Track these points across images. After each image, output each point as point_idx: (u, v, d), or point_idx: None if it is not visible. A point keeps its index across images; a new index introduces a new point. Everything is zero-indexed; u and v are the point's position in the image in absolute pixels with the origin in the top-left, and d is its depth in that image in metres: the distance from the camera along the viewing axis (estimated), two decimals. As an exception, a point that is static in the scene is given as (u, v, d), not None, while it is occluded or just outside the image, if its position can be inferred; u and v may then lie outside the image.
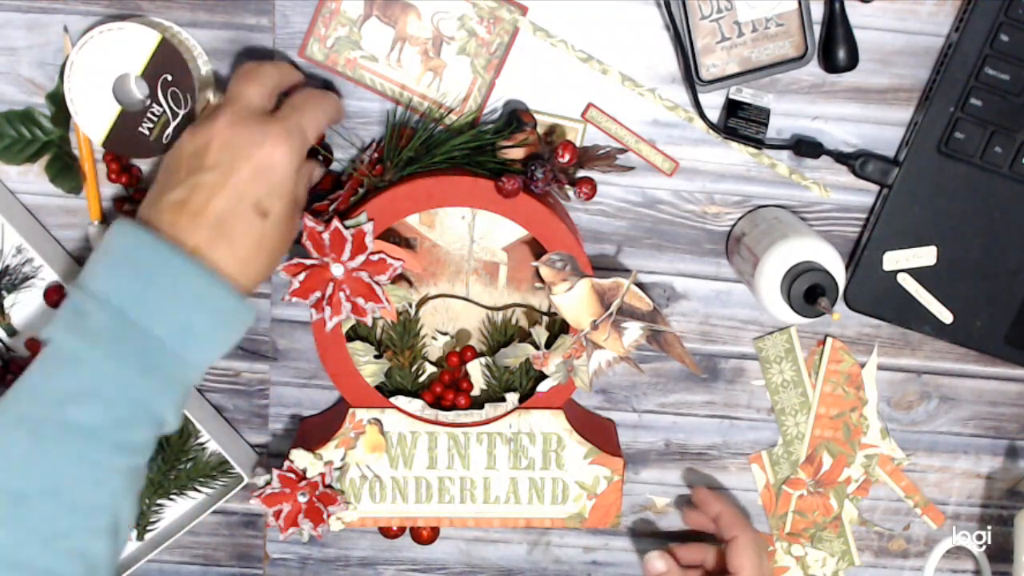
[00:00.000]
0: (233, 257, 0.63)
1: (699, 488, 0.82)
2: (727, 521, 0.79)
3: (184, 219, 0.62)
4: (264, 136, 0.64)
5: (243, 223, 0.63)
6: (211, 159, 0.63)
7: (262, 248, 0.65)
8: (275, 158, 0.64)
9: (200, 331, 0.62)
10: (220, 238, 0.63)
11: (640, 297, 0.74)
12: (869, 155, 0.77)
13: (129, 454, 0.61)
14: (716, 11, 0.73)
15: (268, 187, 0.64)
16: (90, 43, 0.71)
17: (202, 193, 0.63)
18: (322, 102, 0.69)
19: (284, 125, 0.65)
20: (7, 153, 0.76)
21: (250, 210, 0.64)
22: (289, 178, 0.65)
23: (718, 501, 0.80)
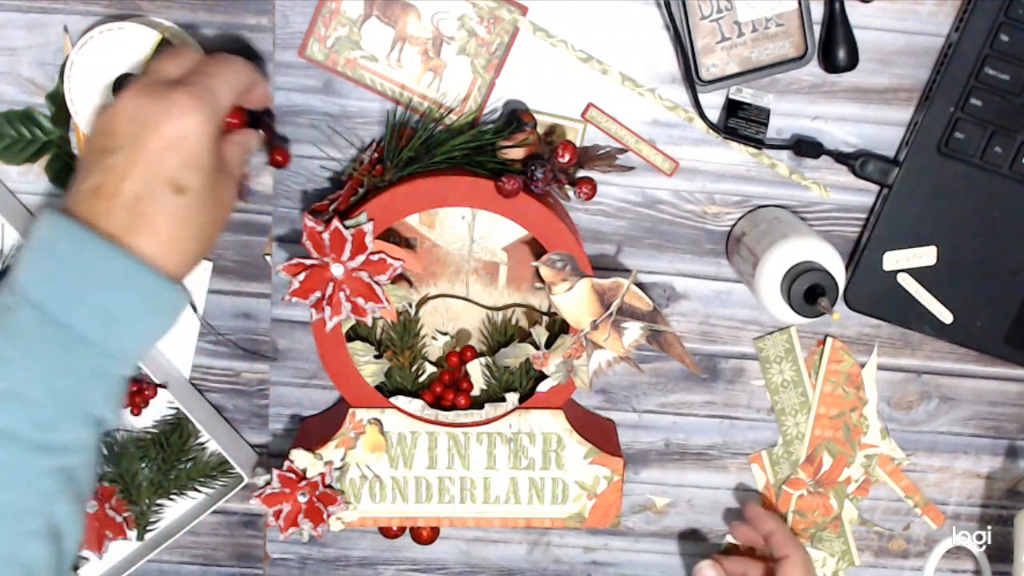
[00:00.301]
0: (155, 239, 0.60)
1: (751, 504, 0.83)
2: (780, 540, 0.79)
3: (100, 204, 0.59)
4: (170, 104, 0.60)
5: (160, 202, 0.60)
6: (119, 138, 0.60)
7: (186, 226, 0.61)
8: (185, 127, 0.60)
9: (123, 318, 0.59)
10: (138, 221, 0.59)
11: (640, 297, 0.74)
12: (869, 155, 0.77)
13: (58, 455, 0.59)
14: (716, 11, 0.73)
15: (182, 160, 0.60)
16: (90, 43, 0.71)
17: (114, 175, 0.60)
18: (232, 64, 0.66)
19: (190, 91, 0.61)
20: (7, 153, 0.76)
21: (165, 188, 0.60)
22: (205, 148, 0.61)
23: (771, 519, 0.81)
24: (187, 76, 0.63)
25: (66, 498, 0.59)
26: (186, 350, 0.82)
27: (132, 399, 0.80)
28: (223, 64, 0.65)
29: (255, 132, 0.70)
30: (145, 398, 0.80)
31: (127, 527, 0.83)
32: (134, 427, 0.83)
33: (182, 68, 0.64)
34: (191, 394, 0.81)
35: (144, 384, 0.80)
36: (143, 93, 0.61)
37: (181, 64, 0.64)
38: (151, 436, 0.83)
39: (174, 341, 0.81)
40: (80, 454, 0.60)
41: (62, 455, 0.59)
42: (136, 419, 0.82)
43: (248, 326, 0.81)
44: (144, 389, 0.80)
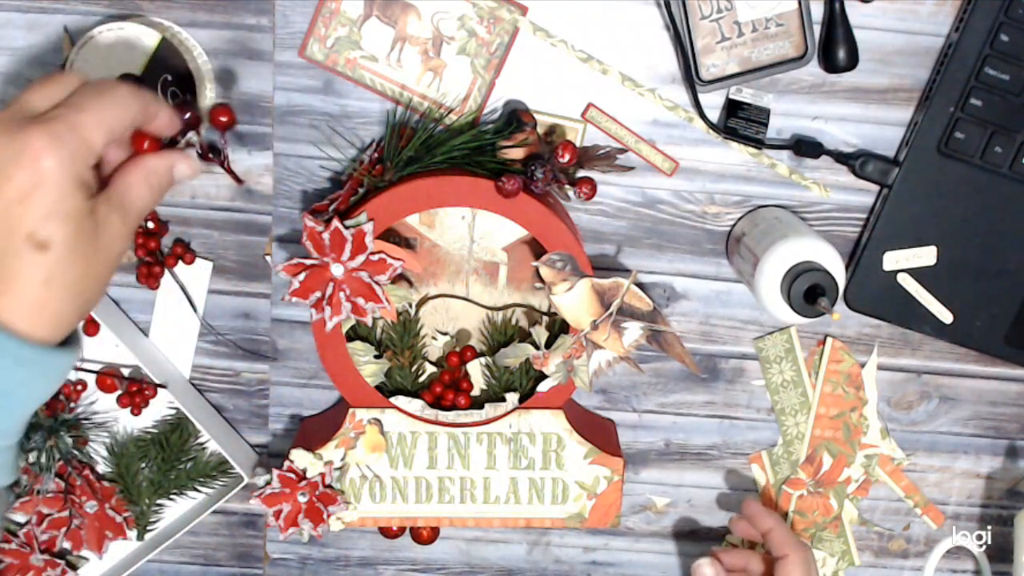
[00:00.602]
0: (18, 304, 0.52)
1: (750, 502, 0.82)
2: (779, 539, 0.78)
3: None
4: (23, 146, 0.51)
5: (20, 261, 0.51)
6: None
7: (53, 287, 0.52)
8: (40, 174, 0.51)
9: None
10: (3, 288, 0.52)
11: (640, 297, 0.74)
12: (869, 155, 0.77)
13: None
14: (716, 11, 0.73)
15: (41, 212, 0.51)
16: (90, 43, 0.71)
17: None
18: (109, 94, 0.55)
19: (47, 128, 0.52)
20: (7, 153, 0.76)
21: (25, 243, 0.51)
22: (68, 194, 0.52)
23: (770, 517, 0.80)
24: (51, 110, 0.54)
25: None
26: (186, 350, 0.82)
27: (132, 399, 0.80)
28: (97, 94, 0.55)
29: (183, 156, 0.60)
30: (145, 398, 0.80)
31: (127, 527, 0.83)
32: (134, 427, 0.83)
33: (50, 99, 0.55)
34: (191, 394, 0.81)
35: (144, 384, 0.80)
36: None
37: (50, 94, 0.55)
38: (151, 436, 0.83)
39: (174, 341, 0.81)
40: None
41: None
42: (136, 419, 0.82)
43: (248, 326, 0.81)
44: (144, 389, 0.80)
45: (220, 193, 0.78)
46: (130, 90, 0.57)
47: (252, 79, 0.76)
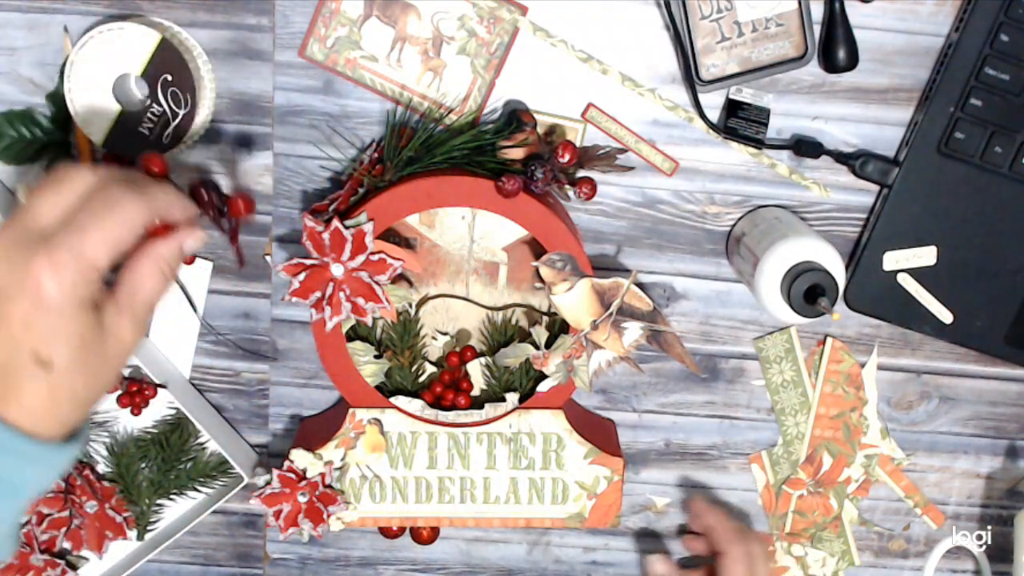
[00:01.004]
0: (24, 412, 0.54)
1: (696, 498, 0.82)
2: (718, 535, 0.77)
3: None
4: (25, 274, 0.52)
5: (25, 378, 0.53)
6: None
7: (58, 399, 0.54)
8: (42, 300, 0.52)
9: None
10: (6, 393, 0.54)
11: (640, 297, 0.74)
12: (869, 155, 0.77)
13: None
14: (716, 11, 0.73)
15: (44, 333, 0.53)
16: (90, 43, 0.71)
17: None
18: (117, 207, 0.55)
19: (51, 257, 0.53)
20: (7, 153, 0.76)
21: (29, 363, 0.53)
22: (71, 317, 0.53)
23: (711, 512, 0.79)
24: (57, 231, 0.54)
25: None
26: (186, 350, 0.82)
27: (132, 399, 0.80)
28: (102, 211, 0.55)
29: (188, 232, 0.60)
30: (145, 398, 0.80)
31: (127, 527, 0.83)
32: (134, 427, 0.83)
33: (59, 208, 0.55)
34: (191, 394, 0.81)
35: (144, 384, 0.80)
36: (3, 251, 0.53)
37: (58, 202, 0.55)
38: (151, 436, 0.83)
39: (174, 341, 0.81)
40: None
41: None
42: (136, 419, 0.82)
43: (248, 326, 0.81)
44: (144, 389, 0.80)
45: None
46: (137, 201, 0.56)
47: (252, 79, 0.76)
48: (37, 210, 0.55)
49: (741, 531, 0.79)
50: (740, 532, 0.78)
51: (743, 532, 0.79)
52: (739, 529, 0.79)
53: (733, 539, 0.76)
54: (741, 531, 0.79)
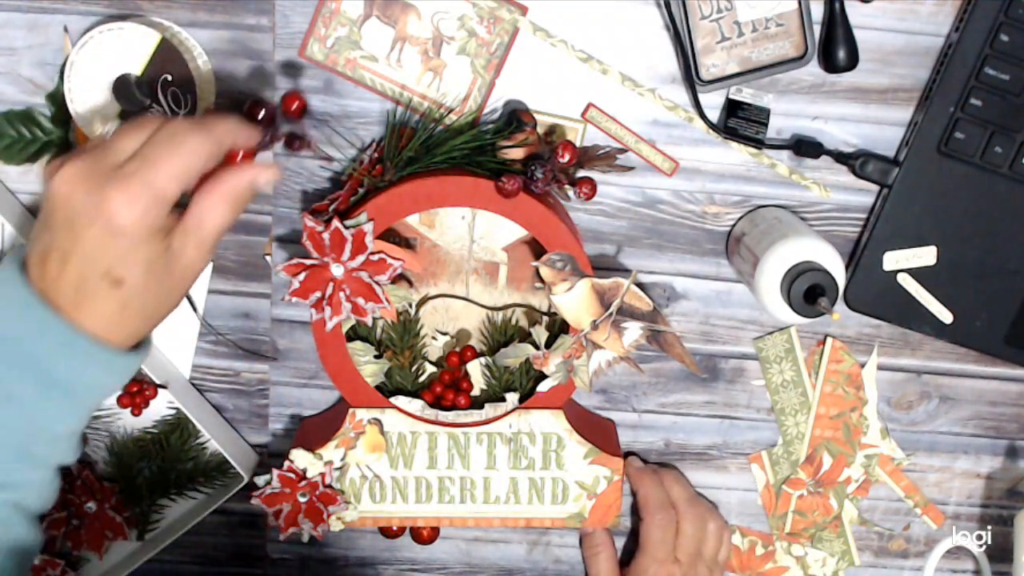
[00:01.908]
0: (97, 322, 0.59)
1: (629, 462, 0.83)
2: (641, 501, 0.81)
3: (47, 278, 0.59)
4: (100, 202, 0.57)
5: (99, 293, 0.59)
6: (57, 218, 0.59)
7: (128, 313, 0.60)
8: (116, 227, 0.57)
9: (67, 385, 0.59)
10: (81, 303, 0.59)
11: (640, 297, 0.74)
12: (869, 155, 0.77)
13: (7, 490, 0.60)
14: (716, 11, 0.73)
15: (116, 255, 0.58)
16: (90, 43, 0.71)
17: (56, 256, 0.59)
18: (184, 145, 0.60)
19: (124, 187, 0.58)
20: (7, 153, 0.76)
21: (102, 280, 0.58)
22: (141, 243, 0.58)
23: (641, 480, 0.82)
24: (128, 163, 0.59)
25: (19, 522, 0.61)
26: (186, 350, 0.82)
27: (132, 399, 0.80)
28: (172, 146, 0.60)
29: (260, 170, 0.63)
30: (145, 398, 0.80)
31: (127, 527, 0.83)
32: (134, 427, 0.83)
33: (130, 149, 0.60)
34: (191, 394, 0.81)
35: (144, 384, 0.80)
36: (76, 180, 0.58)
37: (134, 140, 0.60)
38: (151, 436, 0.83)
39: (174, 341, 0.81)
40: (33, 488, 0.61)
41: (14, 490, 0.61)
42: (136, 419, 0.82)
43: (248, 326, 0.81)
44: (144, 389, 0.80)
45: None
46: (202, 134, 0.61)
47: (252, 79, 0.76)
48: (116, 147, 0.60)
49: (691, 501, 0.82)
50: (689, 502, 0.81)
51: (692, 503, 0.81)
52: (689, 499, 0.81)
53: (656, 506, 0.80)
54: (691, 501, 0.82)
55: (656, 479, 0.82)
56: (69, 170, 0.58)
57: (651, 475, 0.82)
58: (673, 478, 0.82)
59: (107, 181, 0.58)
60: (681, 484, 0.82)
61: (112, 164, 0.59)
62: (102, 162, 0.59)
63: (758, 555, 0.86)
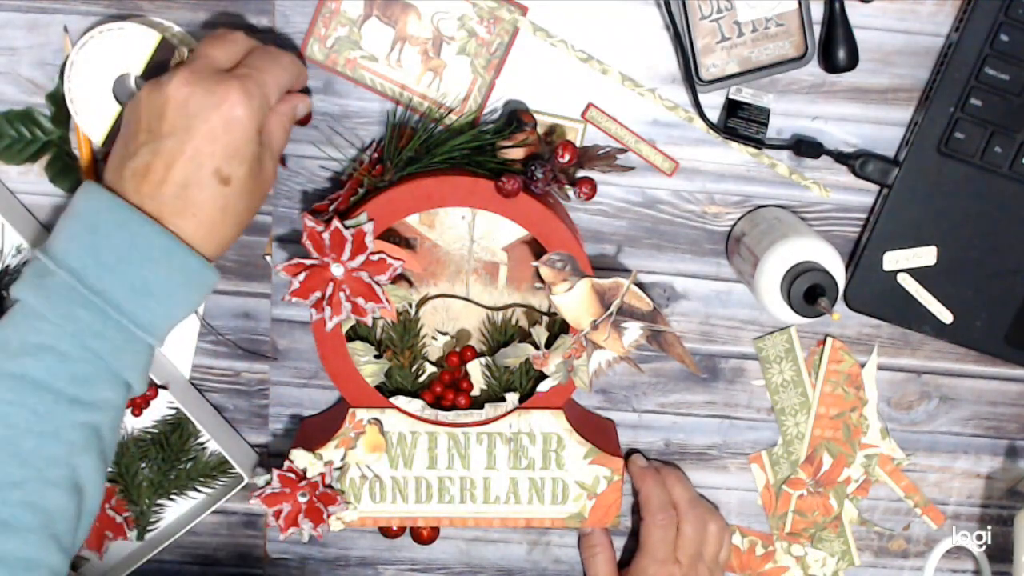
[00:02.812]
0: (198, 225, 0.63)
1: (632, 460, 0.83)
2: (642, 501, 0.82)
3: (147, 187, 0.62)
4: (222, 96, 0.62)
5: (206, 191, 0.63)
6: (168, 123, 0.62)
7: (227, 214, 0.64)
8: (234, 119, 0.63)
9: (157, 293, 0.62)
10: (184, 207, 0.63)
11: (640, 297, 0.74)
12: (869, 155, 0.77)
13: (86, 410, 0.61)
14: (716, 11, 0.73)
15: (228, 151, 0.63)
16: (90, 43, 0.71)
17: (161, 160, 0.62)
18: (282, 61, 0.67)
19: (242, 84, 0.63)
20: (7, 153, 0.76)
21: (212, 177, 0.63)
22: (251, 140, 0.64)
23: (643, 480, 0.82)
24: (238, 68, 0.65)
25: (91, 454, 0.62)
26: (186, 350, 0.82)
27: (133, 400, 0.80)
28: (273, 60, 0.67)
29: (301, 97, 0.71)
30: (146, 399, 0.80)
31: (127, 527, 0.83)
32: (134, 427, 0.83)
33: (231, 56, 0.66)
34: (191, 394, 0.81)
35: (144, 384, 0.80)
36: (194, 81, 0.63)
37: (230, 51, 0.66)
38: (151, 436, 0.83)
39: (174, 341, 0.81)
40: (108, 412, 0.63)
41: (91, 411, 0.62)
42: (136, 419, 0.82)
43: (248, 326, 0.81)
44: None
45: None
46: (291, 57, 0.69)
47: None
48: (213, 55, 0.65)
49: (692, 502, 0.81)
50: (690, 503, 0.81)
51: (693, 504, 0.81)
52: (691, 500, 0.81)
53: (655, 508, 0.80)
54: (692, 502, 0.81)
55: (658, 479, 0.82)
56: (183, 75, 0.63)
57: (653, 475, 0.82)
58: (675, 478, 0.82)
59: (225, 79, 0.63)
60: (683, 484, 0.82)
61: (220, 69, 0.64)
62: (211, 67, 0.64)
63: (758, 555, 0.86)
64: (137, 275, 0.62)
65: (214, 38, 0.67)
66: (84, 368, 0.61)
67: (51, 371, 0.60)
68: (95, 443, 0.62)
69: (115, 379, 0.62)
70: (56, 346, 0.60)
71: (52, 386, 0.60)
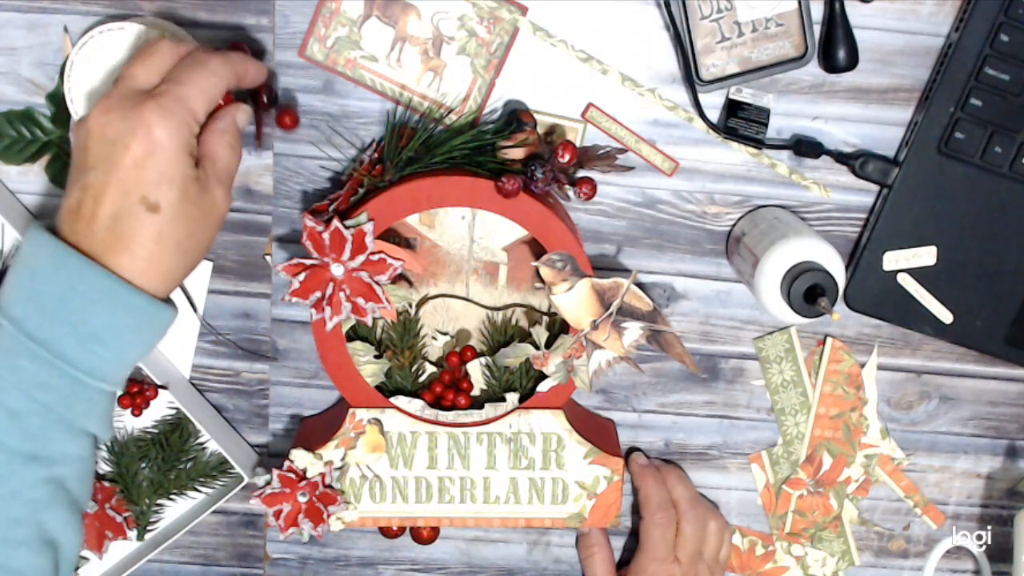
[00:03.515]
0: (134, 260, 0.60)
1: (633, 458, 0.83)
2: (642, 501, 0.81)
3: (80, 225, 0.60)
4: (138, 120, 0.59)
5: (136, 222, 0.60)
6: (91, 156, 0.60)
7: (164, 244, 0.61)
8: (153, 143, 0.59)
9: (105, 336, 0.60)
10: (117, 241, 0.60)
11: (640, 297, 0.74)
12: (869, 155, 0.77)
13: (45, 465, 0.59)
14: (716, 11, 0.73)
15: (154, 177, 0.60)
16: (90, 43, 0.71)
17: (89, 195, 0.60)
18: (207, 66, 0.63)
19: (158, 103, 0.60)
20: (7, 153, 0.77)
21: (139, 207, 0.60)
22: (177, 161, 0.60)
23: (644, 479, 0.82)
24: (159, 86, 0.62)
25: (59, 507, 0.60)
26: (186, 350, 0.82)
27: (133, 400, 0.80)
28: (197, 68, 0.62)
29: (237, 106, 0.67)
30: (146, 399, 0.80)
31: (127, 527, 0.83)
32: (134, 427, 0.83)
33: (153, 72, 0.62)
34: (191, 394, 0.81)
35: (144, 385, 0.80)
36: (112, 108, 0.60)
37: (152, 67, 0.62)
38: (151, 436, 0.83)
39: (174, 341, 0.81)
40: (71, 465, 0.60)
41: (51, 466, 0.59)
42: (136, 419, 0.82)
43: (248, 326, 0.81)
44: (145, 390, 0.80)
45: None
46: (221, 59, 0.64)
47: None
48: (135, 75, 0.62)
49: (692, 501, 0.81)
50: (690, 502, 0.81)
51: (694, 503, 0.81)
52: (691, 499, 0.81)
53: (655, 507, 0.80)
54: (692, 501, 0.81)
55: (658, 478, 0.82)
56: (101, 106, 0.60)
57: (653, 473, 0.82)
58: (676, 477, 0.82)
59: (141, 102, 0.60)
60: (683, 483, 0.82)
61: (139, 90, 0.61)
62: (130, 90, 0.61)
63: (758, 555, 0.86)
64: (80, 320, 0.59)
65: (136, 55, 0.64)
66: (36, 422, 0.59)
67: (3, 429, 0.58)
68: (62, 496, 0.60)
69: (71, 430, 0.60)
70: (3, 402, 0.58)
71: (5, 445, 0.58)
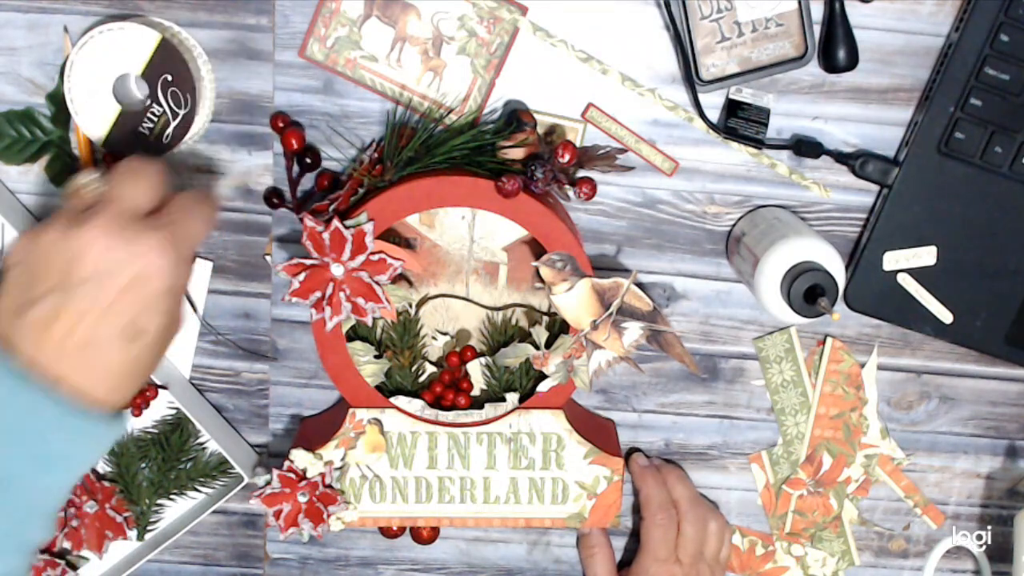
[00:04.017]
0: (101, 384, 0.59)
1: (633, 459, 0.83)
2: (643, 501, 0.82)
3: (48, 344, 0.57)
4: (141, 251, 0.58)
5: (114, 351, 0.58)
6: (82, 272, 0.57)
7: (136, 370, 0.60)
8: (152, 273, 0.58)
9: (56, 458, 0.58)
10: (88, 367, 0.58)
11: (640, 297, 0.74)
12: (869, 155, 0.77)
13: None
14: (716, 11, 0.73)
15: (144, 304, 0.59)
16: (90, 43, 0.71)
17: (70, 316, 0.57)
18: (203, 212, 0.64)
19: (163, 236, 0.59)
20: (7, 153, 0.76)
21: (122, 335, 0.58)
22: (166, 294, 0.60)
23: (644, 480, 0.82)
24: (159, 216, 0.61)
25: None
26: (186, 350, 0.82)
27: (133, 400, 0.80)
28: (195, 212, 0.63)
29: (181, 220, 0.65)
30: (146, 399, 0.80)
31: (127, 527, 0.83)
32: (134, 427, 0.83)
33: (150, 196, 0.61)
34: (191, 394, 0.81)
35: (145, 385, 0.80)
36: (115, 231, 0.58)
37: (147, 191, 0.61)
38: (151, 436, 0.83)
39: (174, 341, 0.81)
40: None
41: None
42: (136, 419, 0.82)
43: (248, 326, 0.81)
44: (145, 390, 0.80)
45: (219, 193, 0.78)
46: (213, 207, 0.65)
47: (252, 79, 0.76)
48: (133, 198, 0.60)
49: (693, 501, 0.81)
50: (691, 502, 0.81)
51: (694, 503, 0.81)
52: (691, 499, 0.81)
53: (655, 507, 0.80)
54: (693, 501, 0.81)
55: (659, 478, 0.82)
56: (102, 223, 0.58)
57: (654, 474, 0.82)
58: (676, 477, 0.82)
59: (146, 231, 0.59)
60: (684, 484, 0.82)
61: (137, 215, 0.60)
62: (131, 214, 0.60)
63: (758, 555, 0.86)
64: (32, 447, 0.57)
65: (128, 175, 0.62)
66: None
67: None
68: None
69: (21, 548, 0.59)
70: None
71: None
